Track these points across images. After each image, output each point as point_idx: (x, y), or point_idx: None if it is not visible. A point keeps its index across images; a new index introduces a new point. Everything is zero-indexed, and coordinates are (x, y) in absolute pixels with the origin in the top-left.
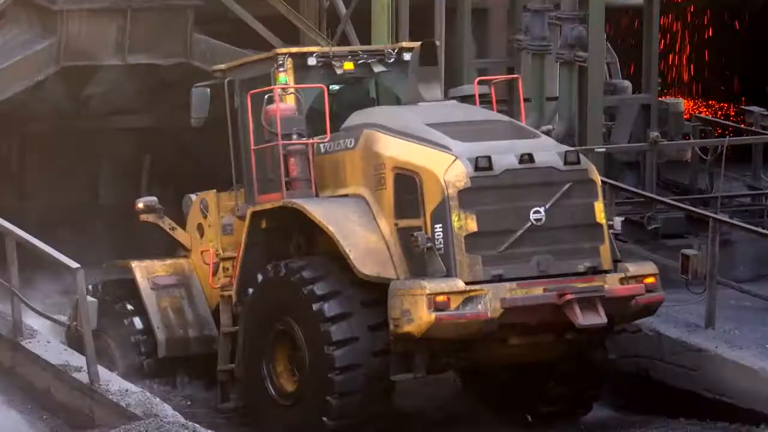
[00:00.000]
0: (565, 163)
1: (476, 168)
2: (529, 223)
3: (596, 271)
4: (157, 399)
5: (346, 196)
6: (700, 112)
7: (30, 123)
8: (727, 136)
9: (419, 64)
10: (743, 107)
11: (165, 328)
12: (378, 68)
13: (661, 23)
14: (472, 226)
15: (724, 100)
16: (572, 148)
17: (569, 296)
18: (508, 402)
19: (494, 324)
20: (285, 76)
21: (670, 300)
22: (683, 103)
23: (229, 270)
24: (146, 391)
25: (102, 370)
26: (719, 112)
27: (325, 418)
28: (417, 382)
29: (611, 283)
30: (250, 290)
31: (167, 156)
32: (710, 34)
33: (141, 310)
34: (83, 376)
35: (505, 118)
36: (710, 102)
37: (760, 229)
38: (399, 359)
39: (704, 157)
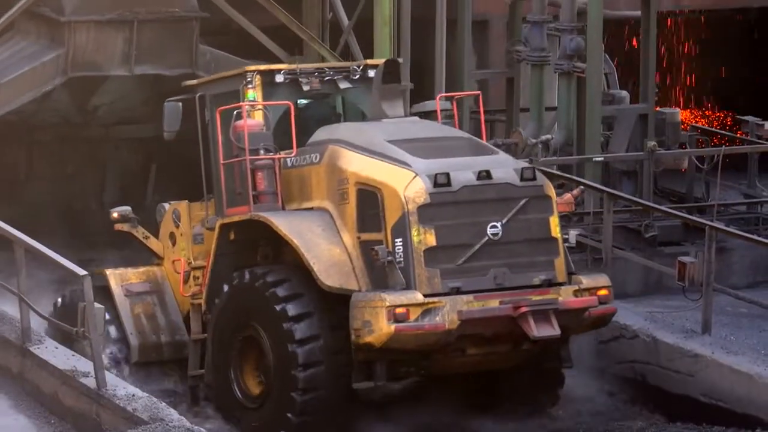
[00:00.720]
0: (522, 179)
1: (435, 184)
2: (486, 238)
3: (551, 283)
4: (163, 404)
5: (311, 209)
6: (697, 122)
7: (37, 132)
8: (723, 146)
9: (382, 82)
10: (738, 117)
11: (138, 334)
12: (344, 85)
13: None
14: (431, 240)
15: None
16: (529, 165)
17: (524, 309)
18: (468, 406)
19: (452, 335)
20: (253, 93)
21: (667, 306)
22: (680, 113)
23: (199, 279)
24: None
25: (109, 375)
26: (715, 122)
27: (289, 414)
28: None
29: (565, 296)
30: (218, 298)
31: (172, 165)
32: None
33: (115, 317)
34: (90, 381)
35: (465, 134)
36: (707, 112)
37: (755, 237)
38: (360, 368)
39: (701, 166)
